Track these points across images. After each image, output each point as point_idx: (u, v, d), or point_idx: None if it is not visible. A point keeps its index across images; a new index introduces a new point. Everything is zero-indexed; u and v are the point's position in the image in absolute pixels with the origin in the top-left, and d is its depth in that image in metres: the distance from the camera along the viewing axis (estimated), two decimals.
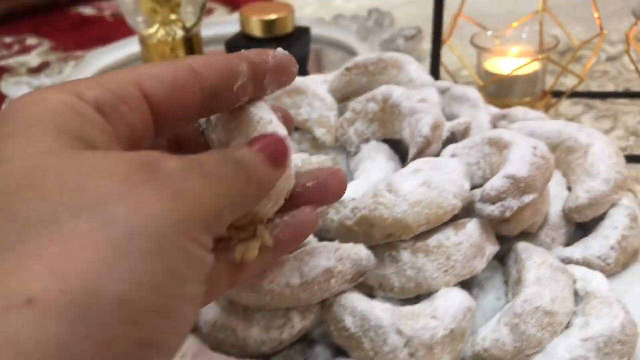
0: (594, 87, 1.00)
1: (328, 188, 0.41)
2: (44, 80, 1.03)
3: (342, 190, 0.41)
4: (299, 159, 0.61)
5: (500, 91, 0.88)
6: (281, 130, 0.37)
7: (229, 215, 0.30)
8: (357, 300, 0.45)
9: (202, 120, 0.39)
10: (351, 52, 1.05)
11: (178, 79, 0.32)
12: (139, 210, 0.24)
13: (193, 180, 0.27)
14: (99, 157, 0.26)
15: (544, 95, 0.90)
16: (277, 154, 0.34)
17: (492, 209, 0.50)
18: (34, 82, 1.03)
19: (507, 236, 0.54)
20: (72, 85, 0.30)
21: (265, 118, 0.37)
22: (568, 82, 0.99)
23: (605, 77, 1.03)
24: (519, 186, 0.49)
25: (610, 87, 1.00)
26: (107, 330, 0.22)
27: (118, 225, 0.24)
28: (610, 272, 0.54)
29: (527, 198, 0.50)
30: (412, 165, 0.51)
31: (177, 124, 0.35)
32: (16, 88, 1.00)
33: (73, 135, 0.27)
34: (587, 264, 0.53)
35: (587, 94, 0.97)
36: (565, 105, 0.95)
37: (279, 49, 0.38)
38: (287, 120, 0.40)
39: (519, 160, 0.50)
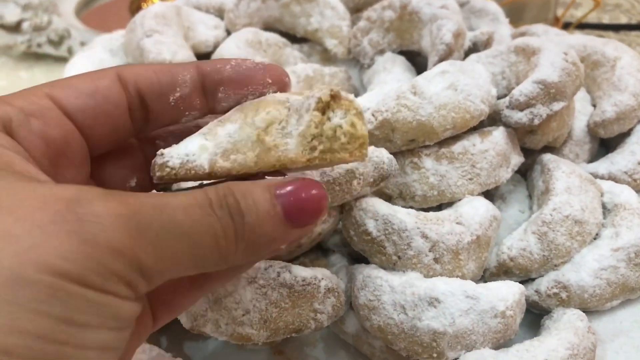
0: (606, 20, 0.97)
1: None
2: None
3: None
4: (311, 69, 0.58)
5: (512, 16, 0.84)
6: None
7: (190, 271, 0.26)
8: (378, 204, 0.43)
9: None
10: None
11: (99, 88, 0.30)
12: (31, 254, 0.22)
13: (119, 232, 0.23)
14: (16, 189, 0.23)
15: (556, 23, 0.87)
16: (304, 213, 0.27)
17: (521, 116, 0.47)
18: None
19: (531, 150, 0.52)
20: None
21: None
22: (579, 14, 0.96)
23: (618, 10, 1.00)
24: (549, 92, 0.47)
25: (623, 20, 0.97)
26: None
27: (2, 270, 0.21)
28: (637, 188, 0.51)
29: (557, 105, 0.47)
30: (437, 67, 0.47)
31: (110, 137, 0.31)
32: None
33: None
34: (612, 179, 0.51)
35: (600, 26, 0.94)
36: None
37: (252, 60, 0.32)
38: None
39: (550, 66, 0.47)
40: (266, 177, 0.29)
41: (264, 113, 0.29)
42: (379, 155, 0.43)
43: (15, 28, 0.90)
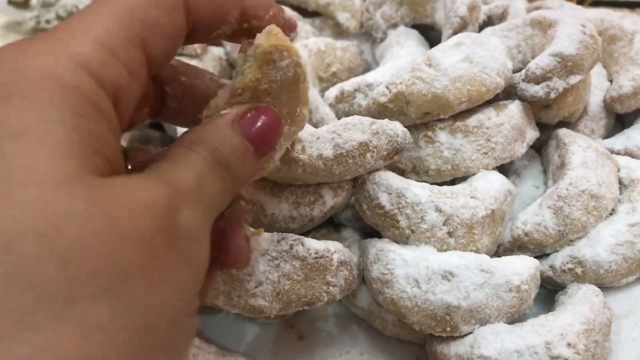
0: None
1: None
2: None
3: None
4: (323, 43, 0.57)
5: None
6: None
7: None
8: (392, 178, 0.42)
9: None
10: None
11: (174, 24, 0.27)
12: (158, 292, 0.21)
13: (205, 244, 0.25)
14: (120, 203, 0.21)
15: None
16: (266, 142, 0.28)
17: (537, 90, 0.46)
18: None
19: (546, 125, 0.51)
20: (82, 50, 0.23)
21: None
22: None
23: None
24: (566, 65, 0.46)
25: None
26: None
27: (136, 315, 0.21)
28: None
29: (574, 79, 0.46)
30: (452, 40, 0.47)
31: (163, 63, 0.28)
32: None
33: (92, 148, 0.22)
34: (629, 154, 0.50)
35: (616, 3, 0.92)
36: None
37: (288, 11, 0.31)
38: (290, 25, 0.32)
39: (567, 38, 0.47)
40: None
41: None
42: (393, 128, 0.42)
43: (24, 4, 0.89)
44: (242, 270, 0.32)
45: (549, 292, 0.44)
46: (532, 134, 0.48)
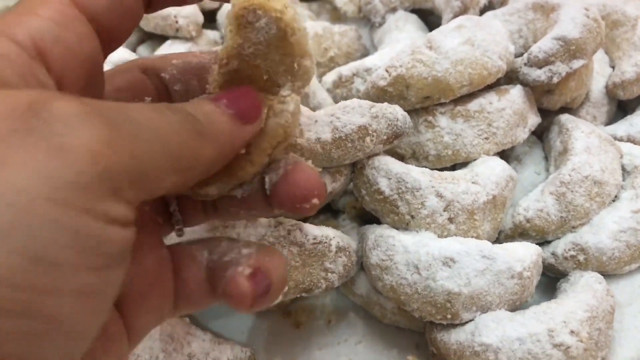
0: None
1: None
2: None
3: None
4: (320, 27, 0.56)
5: None
6: None
7: (173, 177, 0.23)
8: (391, 163, 0.41)
9: None
10: None
11: None
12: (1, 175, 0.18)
13: (92, 129, 0.20)
14: None
15: None
16: (248, 110, 0.27)
17: (539, 74, 0.45)
18: None
19: (547, 111, 0.50)
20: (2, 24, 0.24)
21: None
22: None
23: None
24: (569, 49, 0.45)
25: None
26: None
27: None
28: None
29: (577, 63, 0.45)
30: (453, 22, 0.46)
31: (123, 35, 0.28)
32: None
33: None
34: (631, 141, 0.49)
35: None
36: None
37: None
38: None
39: (571, 21, 0.46)
40: None
41: None
42: (393, 112, 0.41)
43: None
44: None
45: (551, 280, 0.44)
46: (533, 120, 0.47)
